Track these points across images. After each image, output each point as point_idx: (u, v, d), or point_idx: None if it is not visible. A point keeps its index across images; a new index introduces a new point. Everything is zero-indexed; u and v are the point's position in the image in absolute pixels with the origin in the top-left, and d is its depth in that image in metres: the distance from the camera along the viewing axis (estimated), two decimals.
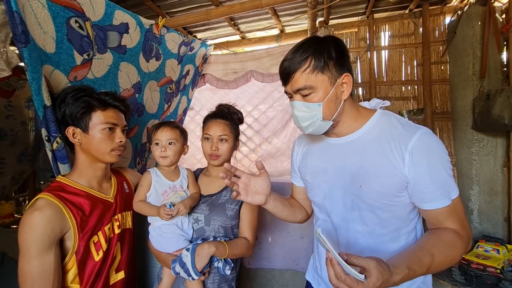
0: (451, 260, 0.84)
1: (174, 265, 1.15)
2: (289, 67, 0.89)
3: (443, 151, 0.86)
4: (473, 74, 2.13)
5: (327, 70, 0.87)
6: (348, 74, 0.90)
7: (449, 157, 0.87)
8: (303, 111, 0.91)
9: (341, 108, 0.92)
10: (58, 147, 1.14)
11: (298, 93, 0.90)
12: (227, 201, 1.31)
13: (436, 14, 2.41)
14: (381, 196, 0.90)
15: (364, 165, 0.91)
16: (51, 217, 0.95)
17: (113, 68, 1.50)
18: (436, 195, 0.85)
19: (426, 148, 0.85)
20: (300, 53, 0.87)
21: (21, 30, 1.00)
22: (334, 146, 1.00)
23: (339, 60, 0.88)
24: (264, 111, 2.76)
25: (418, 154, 0.84)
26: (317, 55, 0.86)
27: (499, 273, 1.60)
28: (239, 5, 1.84)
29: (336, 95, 0.90)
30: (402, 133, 0.88)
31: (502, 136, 2.06)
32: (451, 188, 0.85)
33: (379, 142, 0.90)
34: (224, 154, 1.30)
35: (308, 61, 0.86)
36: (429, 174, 0.84)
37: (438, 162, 0.84)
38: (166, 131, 1.28)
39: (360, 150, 0.93)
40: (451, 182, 0.85)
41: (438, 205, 0.85)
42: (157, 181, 1.27)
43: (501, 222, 2.09)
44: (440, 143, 0.87)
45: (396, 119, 0.93)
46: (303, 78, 0.87)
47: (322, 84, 0.87)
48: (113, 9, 1.41)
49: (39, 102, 1.07)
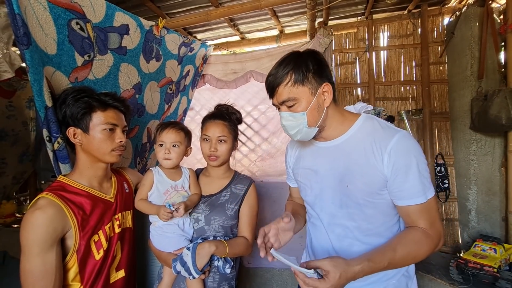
0: (414, 256, 0.91)
1: (175, 264, 1.17)
2: (273, 82, 0.98)
3: (419, 153, 0.93)
4: (471, 75, 2.15)
5: (307, 81, 0.95)
6: (327, 84, 0.98)
7: (425, 159, 0.94)
8: (290, 121, 0.99)
9: (324, 115, 0.99)
10: (59, 147, 1.16)
11: (284, 105, 0.98)
12: (227, 201, 1.32)
13: (435, 15, 2.43)
14: (366, 194, 0.97)
15: (350, 167, 0.99)
16: (53, 216, 0.97)
17: (113, 69, 1.51)
18: (409, 193, 0.92)
19: (402, 149, 0.92)
20: (282, 68, 0.96)
21: (23, 32, 1.01)
22: (323, 150, 1.07)
23: (318, 72, 0.96)
24: (263, 111, 2.77)
25: (395, 155, 0.91)
26: (296, 69, 0.95)
27: (496, 272, 1.62)
28: (239, 6, 1.86)
29: (318, 103, 0.97)
30: (382, 136, 0.95)
31: (500, 136, 2.08)
32: (426, 188, 0.91)
33: (363, 145, 0.97)
34: (223, 155, 1.31)
35: (289, 75, 0.95)
36: (404, 173, 0.91)
37: (413, 162, 0.91)
38: (171, 133, 1.28)
39: (346, 153, 1.00)
40: (426, 182, 0.92)
41: (411, 202, 0.92)
42: (159, 180, 1.28)
43: (498, 221, 2.10)
44: (416, 146, 0.94)
45: (378, 122, 1.01)
46: (286, 91, 0.96)
47: (304, 95, 0.96)
48: (113, 10, 1.42)
49: (41, 103, 1.09)
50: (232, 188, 1.36)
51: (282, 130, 2.91)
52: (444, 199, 2.34)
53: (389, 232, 1.01)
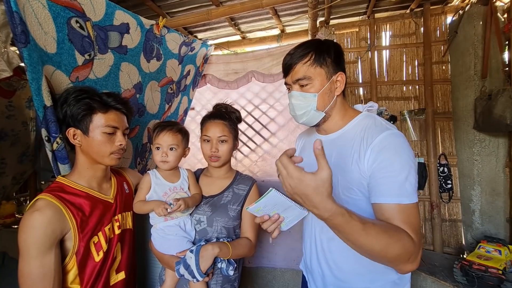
0: (387, 243, 0.75)
1: (178, 267, 1.15)
2: (291, 59, 1.01)
3: (406, 154, 0.87)
4: (474, 74, 2.13)
5: (325, 65, 0.98)
6: (342, 73, 1.01)
7: (413, 164, 0.87)
8: (299, 100, 1.01)
9: (333, 102, 1.02)
10: (58, 148, 1.14)
11: (297, 83, 1.01)
12: (229, 201, 1.30)
13: (438, 14, 2.40)
14: (346, 190, 0.96)
15: (337, 161, 0.98)
16: (51, 218, 0.95)
17: (114, 68, 1.50)
18: (384, 190, 0.85)
19: (386, 145, 0.88)
20: (303, 48, 1.00)
21: (21, 30, 1.00)
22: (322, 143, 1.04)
23: (336, 60, 1.00)
24: (265, 111, 2.75)
25: (378, 149, 0.88)
26: (318, 51, 0.98)
27: (501, 274, 1.59)
28: (240, 5, 1.84)
29: (330, 89, 1.00)
30: (372, 132, 0.93)
31: (504, 136, 2.06)
32: (404, 191, 0.83)
33: (354, 141, 0.96)
34: (224, 155, 1.30)
35: (310, 55, 0.98)
36: (383, 168, 0.86)
37: (395, 160, 0.86)
38: (167, 136, 1.25)
39: (338, 148, 1.01)
40: (406, 185, 0.84)
41: (384, 200, 0.85)
42: (157, 183, 1.26)
43: (503, 222, 2.08)
44: (404, 146, 0.89)
45: (375, 120, 0.98)
46: (303, 70, 0.99)
47: (319, 77, 0.98)
48: (113, 9, 1.41)
49: (39, 102, 1.07)
50: (234, 188, 1.34)
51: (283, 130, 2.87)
52: (447, 200, 2.31)
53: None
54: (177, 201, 1.15)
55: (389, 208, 0.84)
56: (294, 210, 0.82)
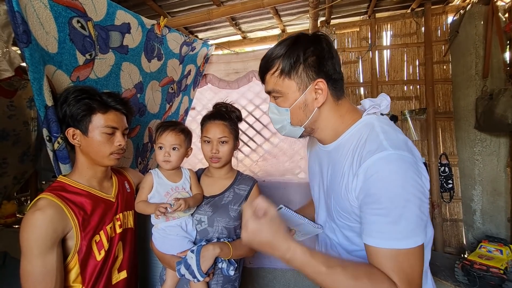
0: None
1: (179, 267, 1.15)
2: (262, 66, 0.88)
3: (399, 186, 0.68)
4: (475, 74, 2.13)
5: (295, 75, 0.82)
6: (322, 80, 0.81)
7: (412, 195, 0.68)
8: (274, 114, 0.90)
9: (314, 116, 0.85)
10: (59, 147, 1.14)
11: (271, 95, 0.89)
12: (230, 202, 1.30)
13: (439, 13, 2.40)
14: (340, 216, 0.84)
15: (331, 181, 0.87)
16: (53, 217, 0.95)
17: (115, 68, 1.50)
18: (372, 230, 0.71)
19: (374, 175, 0.71)
20: (275, 51, 0.84)
21: (23, 30, 1.00)
22: (322, 153, 0.96)
23: (314, 64, 0.81)
24: (265, 111, 2.75)
25: (363, 178, 0.72)
26: (286, 58, 0.81)
27: (502, 274, 1.59)
28: (241, 5, 1.84)
29: (306, 102, 0.83)
30: (363, 152, 0.75)
31: (505, 136, 2.06)
32: (397, 234, 0.67)
33: (346, 159, 0.81)
34: (224, 156, 1.29)
35: (277, 64, 0.83)
36: (371, 204, 0.71)
37: (383, 195, 0.69)
38: (170, 136, 1.25)
39: (333, 163, 0.87)
40: (400, 226, 0.67)
41: (371, 242, 0.71)
42: (159, 182, 1.26)
43: (504, 222, 2.08)
44: (397, 175, 0.69)
45: (371, 131, 0.79)
46: (272, 82, 0.86)
47: (289, 90, 0.83)
48: (115, 9, 1.41)
49: (40, 102, 1.07)
50: (235, 188, 1.34)
51: None
52: (448, 200, 2.31)
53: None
54: (178, 201, 1.15)
55: (377, 253, 0.70)
56: (307, 227, 0.80)
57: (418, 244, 0.68)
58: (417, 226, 0.68)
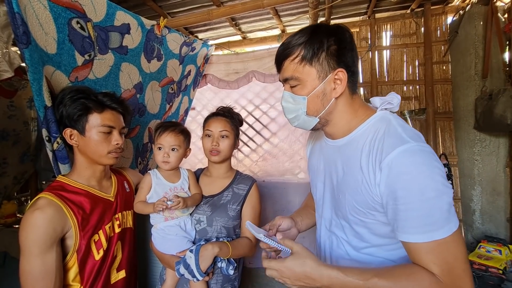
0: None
1: (178, 266, 1.15)
2: (281, 53, 0.85)
3: (427, 176, 0.68)
4: (475, 74, 2.13)
5: (316, 62, 0.80)
6: (342, 70, 0.80)
7: (440, 185, 0.68)
8: (289, 103, 0.87)
9: (330, 107, 0.84)
10: (59, 147, 1.15)
11: (287, 83, 0.86)
12: (229, 201, 1.31)
13: (438, 14, 2.41)
14: (355, 211, 0.83)
15: (345, 176, 0.85)
16: (52, 216, 0.96)
17: (114, 68, 1.50)
18: (406, 226, 0.70)
19: (400, 170, 0.70)
20: (295, 39, 0.82)
21: (23, 31, 1.00)
22: (329, 148, 0.95)
23: (335, 53, 0.80)
24: (265, 111, 2.75)
25: (390, 175, 0.71)
26: (308, 44, 0.80)
27: (501, 274, 1.60)
28: (241, 5, 1.84)
29: (324, 91, 0.82)
30: (383, 145, 0.74)
31: (505, 136, 2.06)
32: (431, 225, 0.67)
33: (362, 153, 0.80)
34: (224, 151, 1.30)
35: (298, 50, 0.81)
36: (400, 199, 0.70)
37: (413, 189, 0.68)
38: (169, 137, 1.26)
39: (346, 158, 0.86)
40: (435, 215, 0.67)
41: (409, 238, 0.70)
42: (157, 183, 1.26)
43: (503, 222, 2.08)
44: (423, 166, 0.69)
45: (388, 125, 0.79)
46: (291, 68, 0.83)
47: (309, 77, 0.81)
48: (114, 10, 1.41)
49: (40, 103, 1.07)
50: (234, 188, 1.34)
51: (284, 130, 2.88)
52: None
53: (391, 255, 0.83)
54: (177, 198, 1.16)
55: (416, 248, 0.69)
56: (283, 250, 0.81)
57: (454, 230, 0.67)
58: (449, 213, 0.68)
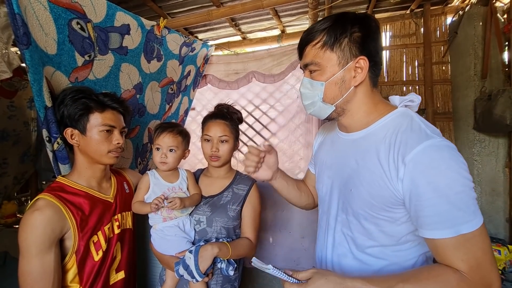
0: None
1: (178, 267, 1.15)
2: (303, 39, 0.86)
3: (454, 171, 0.68)
4: (474, 75, 2.13)
5: (338, 48, 0.80)
6: (364, 58, 0.79)
7: (467, 180, 0.68)
8: (307, 89, 0.87)
9: (348, 95, 0.83)
10: (59, 148, 1.15)
11: (307, 69, 0.86)
12: (229, 202, 1.31)
13: (438, 14, 2.41)
14: (368, 206, 0.81)
15: (360, 169, 0.84)
16: (51, 217, 0.96)
17: (114, 69, 1.50)
18: (433, 222, 0.69)
19: (426, 164, 0.70)
20: (318, 25, 0.82)
21: (23, 32, 1.01)
22: (342, 142, 0.94)
23: (358, 40, 0.79)
24: (265, 111, 2.76)
25: (415, 170, 0.70)
26: (331, 30, 0.80)
27: (500, 274, 1.60)
28: (241, 6, 1.84)
29: (343, 78, 0.81)
30: (407, 140, 0.74)
31: (504, 137, 2.06)
32: (459, 219, 0.67)
33: (380, 147, 0.79)
34: (224, 155, 1.30)
35: (321, 35, 0.81)
36: (425, 194, 0.69)
37: (441, 183, 0.68)
38: (168, 138, 1.26)
39: (361, 151, 0.85)
40: (461, 211, 0.67)
41: (436, 234, 0.69)
42: (155, 183, 1.26)
43: (502, 222, 2.08)
44: (450, 162, 0.69)
45: (411, 122, 0.78)
46: (312, 53, 0.83)
47: (329, 63, 0.81)
48: (114, 10, 1.41)
49: (40, 103, 1.08)
50: (234, 188, 1.34)
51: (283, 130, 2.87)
52: None
53: (395, 257, 0.82)
54: (173, 199, 1.16)
55: (443, 245, 0.69)
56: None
57: (480, 224, 0.67)
58: (475, 208, 0.68)
